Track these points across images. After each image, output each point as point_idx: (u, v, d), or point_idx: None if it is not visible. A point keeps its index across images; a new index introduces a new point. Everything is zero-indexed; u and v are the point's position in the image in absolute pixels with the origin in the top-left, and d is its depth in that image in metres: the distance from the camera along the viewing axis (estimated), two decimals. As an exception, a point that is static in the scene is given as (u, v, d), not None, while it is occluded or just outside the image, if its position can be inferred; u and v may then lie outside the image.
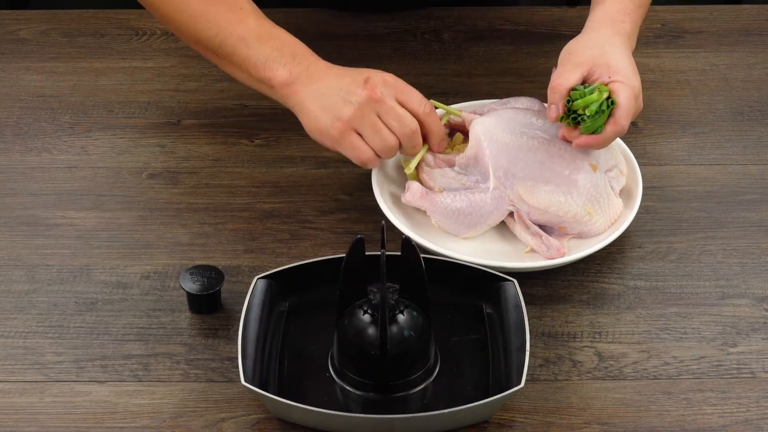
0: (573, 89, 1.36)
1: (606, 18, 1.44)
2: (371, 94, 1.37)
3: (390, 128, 1.38)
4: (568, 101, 1.36)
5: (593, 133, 1.35)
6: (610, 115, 1.35)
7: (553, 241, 1.37)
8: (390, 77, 1.39)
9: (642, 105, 1.39)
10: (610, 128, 1.35)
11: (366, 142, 1.38)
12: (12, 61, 1.69)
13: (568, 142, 1.39)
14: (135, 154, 1.54)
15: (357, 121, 1.37)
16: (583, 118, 1.35)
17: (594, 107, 1.35)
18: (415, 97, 1.39)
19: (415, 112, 1.39)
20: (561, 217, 1.38)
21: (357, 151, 1.38)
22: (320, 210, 1.47)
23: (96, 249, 1.42)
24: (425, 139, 1.41)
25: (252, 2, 1.45)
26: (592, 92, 1.35)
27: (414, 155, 1.42)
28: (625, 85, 1.36)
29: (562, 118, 1.37)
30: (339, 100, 1.38)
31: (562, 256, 1.36)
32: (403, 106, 1.38)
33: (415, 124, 1.38)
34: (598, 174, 1.39)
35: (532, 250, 1.38)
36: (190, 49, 1.69)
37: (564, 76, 1.37)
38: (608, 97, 1.35)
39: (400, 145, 1.39)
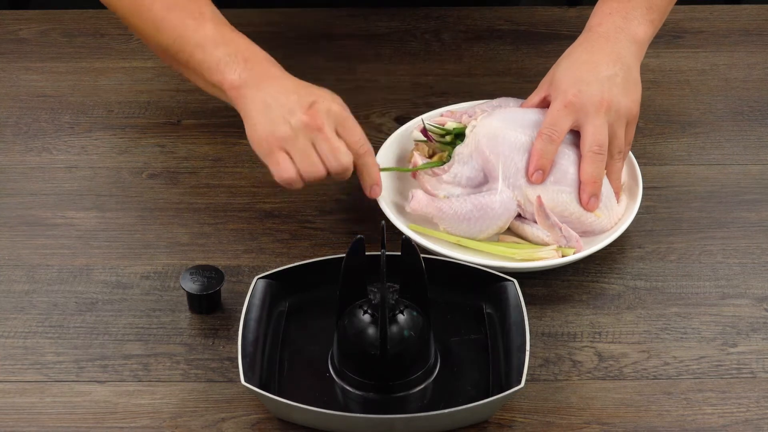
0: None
1: (587, 25, 1.45)
2: (311, 121, 1.34)
3: (322, 158, 1.35)
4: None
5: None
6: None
7: (572, 232, 1.36)
8: (337, 106, 1.36)
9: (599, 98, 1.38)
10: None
11: (294, 163, 1.35)
12: (12, 61, 1.69)
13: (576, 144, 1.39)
14: (135, 154, 1.54)
15: (289, 143, 1.35)
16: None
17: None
18: (356, 132, 1.36)
19: (352, 148, 1.36)
20: (566, 218, 1.37)
21: (281, 169, 1.35)
22: (320, 210, 1.47)
23: (96, 249, 1.42)
24: (360, 178, 1.39)
25: (212, 7, 1.42)
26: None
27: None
28: (555, 99, 1.39)
29: None
30: (279, 116, 1.35)
31: (581, 249, 1.36)
32: (342, 138, 1.35)
33: (348, 160, 1.35)
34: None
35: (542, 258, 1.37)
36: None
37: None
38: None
39: (328, 173, 1.36)
